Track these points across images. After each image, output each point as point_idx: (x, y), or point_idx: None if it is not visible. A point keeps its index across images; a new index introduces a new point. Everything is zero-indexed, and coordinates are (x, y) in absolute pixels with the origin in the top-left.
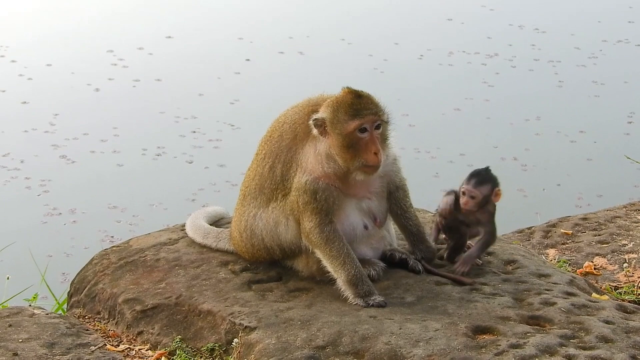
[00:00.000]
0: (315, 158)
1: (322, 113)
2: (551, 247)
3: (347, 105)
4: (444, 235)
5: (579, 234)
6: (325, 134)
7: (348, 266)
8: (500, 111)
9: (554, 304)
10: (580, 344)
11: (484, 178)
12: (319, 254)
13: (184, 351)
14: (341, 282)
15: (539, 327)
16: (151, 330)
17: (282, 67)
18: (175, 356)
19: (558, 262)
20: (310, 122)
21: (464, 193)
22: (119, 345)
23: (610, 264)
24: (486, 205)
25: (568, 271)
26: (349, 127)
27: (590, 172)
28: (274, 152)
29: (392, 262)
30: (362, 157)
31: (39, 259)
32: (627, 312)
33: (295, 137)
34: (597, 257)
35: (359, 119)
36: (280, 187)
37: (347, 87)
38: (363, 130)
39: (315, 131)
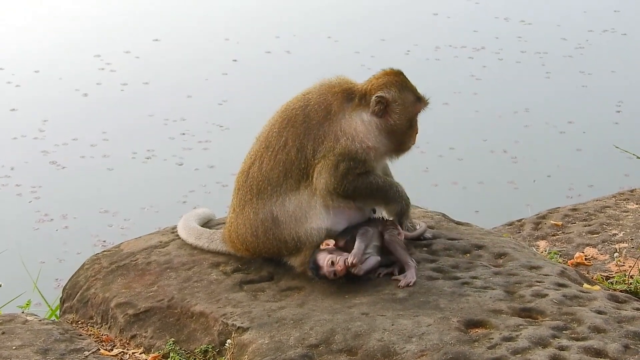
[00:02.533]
0: (366, 128)
1: (386, 93)
2: (541, 239)
3: (410, 87)
4: None
5: (569, 225)
6: (384, 114)
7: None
8: (488, 104)
9: (545, 295)
10: (572, 335)
11: None
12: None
13: (178, 353)
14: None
15: (531, 320)
16: (144, 334)
17: (270, 66)
18: (169, 359)
19: (549, 253)
20: (374, 98)
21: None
22: (112, 350)
23: (601, 254)
24: None
25: (559, 262)
26: (417, 109)
27: (580, 162)
28: (300, 134)
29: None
30: (412, 137)
31: (31, 266)
32: (619, 302)
33: (329, 113)
34: (587, 247)
35: (423, 102)
36: (311, 162)
37: (392, 68)
38: (419, 113)
39: (375, 108)
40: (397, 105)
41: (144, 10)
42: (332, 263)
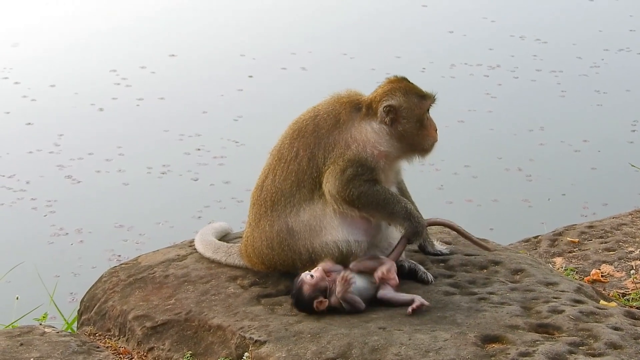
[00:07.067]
0: (377, 134)
1: (392, 100)
2: (558, 256)
3: (413, 89)
4: None
5: (585, 242)
6: (394, 121)
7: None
8: (503, 122)
9: (562, 311)
10: (589, 351)
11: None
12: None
13: None
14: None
15: (547, 335)
16: (162, 346)
17: (285, 82)
18: None
19: (565, 270)
20: (381, 109)
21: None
22: None
23: (617, 271)
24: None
25: (575, 279)
26: (423, 107)
27: (595, 181)
28: (310, 143)
29: (401, 273)
30: (430, 135)
31: (46, 279)
32: (635, 319)
33: (338, 122)
34: (604, 264)
35: (428, 99)
36: (322, 170)
37: (395, 76)
38: (428, 110)
39: (386, 119)
40: (403, 110)
41: (160, 25)
42: (311, 276)
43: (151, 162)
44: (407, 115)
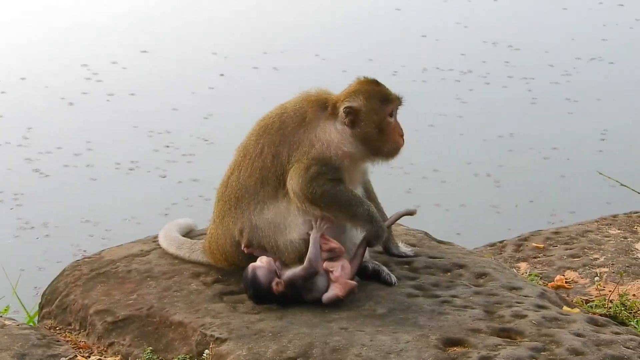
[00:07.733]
0: (341, 135)
1: (353, 102)
2: (522, 261)
3: (377, 92)
4: None
5: (550, 248)
6: (354, 123)
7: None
8: (473, 127)
9: (524, 316)
10: (551, 357)
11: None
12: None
13: None
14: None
15: (509, 340)
16: (122, 342)
17: (257, 82)
18: None
19: (529, 275)
20: (342, 110)
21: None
22: (90, 357)
23: (582, 278)
24: None
25: (539, 284)
26: (385, 112)
27: (563, 188)
28: (275, 140)
29: (364, 273)
30: (392, 140)
31: (10, 273)
32: (597, 325)
33: (303, 120)
34: (568, 270)
35: (392, 104)
36: (287, 169)
37: (365, 77)
38: (391, 114)
39: (346, 120)
40: (362, 113)
41: (132, 21)
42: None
43: (120, 157)
44: (366, 118)
